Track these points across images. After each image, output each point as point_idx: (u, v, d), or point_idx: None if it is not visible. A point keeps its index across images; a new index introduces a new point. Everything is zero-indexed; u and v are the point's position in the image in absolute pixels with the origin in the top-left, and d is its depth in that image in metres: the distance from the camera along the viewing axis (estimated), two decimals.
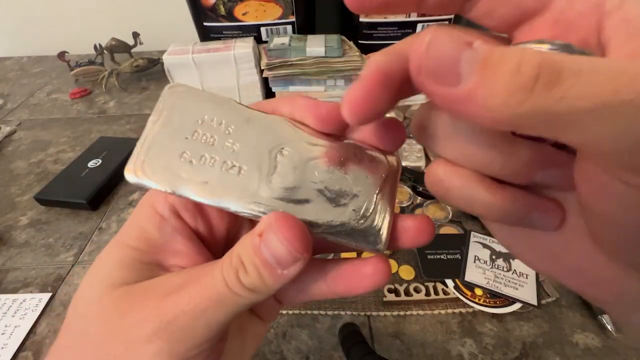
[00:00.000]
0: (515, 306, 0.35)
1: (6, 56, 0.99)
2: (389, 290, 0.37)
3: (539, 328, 0.34)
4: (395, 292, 0.37)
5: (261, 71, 0.63)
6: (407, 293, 0.37)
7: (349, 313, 0.36)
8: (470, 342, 0.33)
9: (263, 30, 0.67)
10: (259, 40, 0.68)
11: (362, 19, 0.67)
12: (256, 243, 0.12)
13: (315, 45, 0.61)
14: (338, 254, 0.31)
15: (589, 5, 0.10)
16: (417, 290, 0.37)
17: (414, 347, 0.33)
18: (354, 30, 0.70)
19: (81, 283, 0.15)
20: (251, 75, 0.62)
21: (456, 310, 0.35)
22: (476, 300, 0.35)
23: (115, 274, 0.14)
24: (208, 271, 0.13)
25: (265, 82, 0.65)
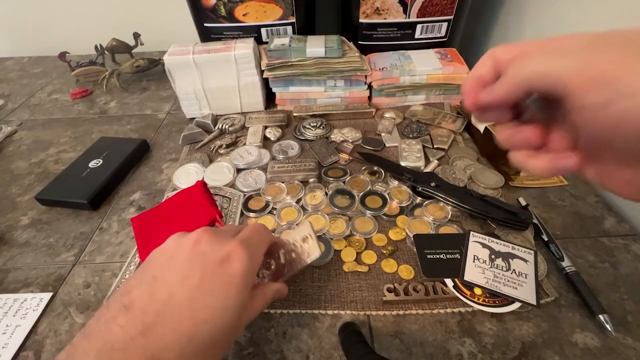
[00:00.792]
0: (515, 306, 0.35)
1: (7, 56, 1.00)
2: (389, 290, 0.37)
3: (538, 328, 0.34)
4: (395, 292, 0.37)
5: (261, 72, 0.63)
6: (407, 292, 0.37)
7: (348, 312, 0.36)
8: (469, 342, 0.33)
9: (263, 31, 0.68)
10: (259, 41, 0.68)
11: (362, 20, 0.67)
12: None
13: (315, 45, 0.61)
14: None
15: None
16: (417, 290, 0.37)
17: (413, 347, 0.33)
18: (354, 31, 0.70)
19: None
20: (251, 76, 0.63)
21: (455, 310, 0.36)
22: (475, 300, 0.35)
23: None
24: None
25: (265, 83, 0.66)
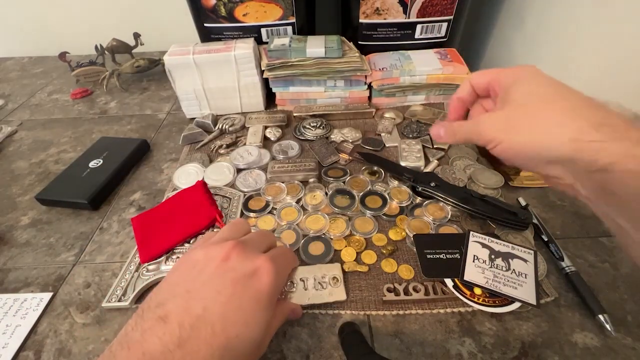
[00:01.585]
0: (514, 305, 0.35)
1: (7, 56, 1.00)
2: (389, 290, 0.37)
3: (537, 327, 0.34)
4: (395, 292, 0.37)
5: (261, 72, 0.63)
6: (407, 292, 0.37)
7: (348, 312, 0.36)
8: (469, 342, 0.33)
9: (263, 31, 0.68)
10: (259, 41, 0.68)
11: (362, 20, 0.67)
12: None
13: (315, 46, 0.61)
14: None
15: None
16: (417, 290, 0.37)
17: (413, 346, 0.33)
18: (354, 31, 0.70)
19: None
20: (251, 76, 0.63)
21: (455, 310, 0.36)
22: (475, 300, 0.35)
23: None
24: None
25: (265, 83, 0.66)
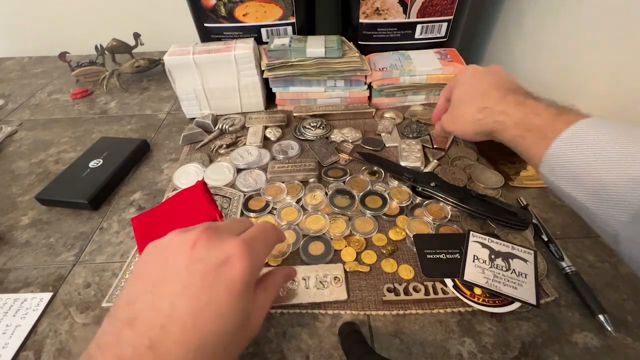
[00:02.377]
0: (514, 305, 0.35)
1: (7, 56, 1.00)
2: (389, 290, 0.37)
3: (538, 327, 0.34)
4: (395, 292, 0.37)
5: (261, 72, 0.63)
6: (407, 292, 0.37)
7: (348, 312, 0.36)
8: (469, 342, 0.33)
9: (263, 31, 0.68)
10: (259, 41, 0.68)
11: (362, 20, 0.67)
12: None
13: (315, 46, 0.61)
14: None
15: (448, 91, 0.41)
16: (417, 290, 0.37)
17: (413, 346, 0.33)
18: (354, 31, 0.70)
19: None
20: (251, 76, 0.63)
21: (455, 310, 0.36)
22: (475, 300, 0.35)
23: None
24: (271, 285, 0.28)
25: (265, 83, 0.66)
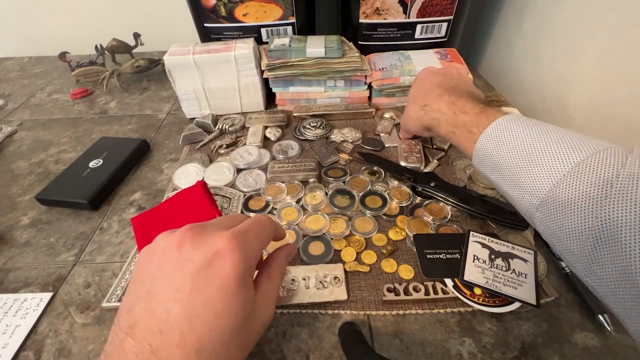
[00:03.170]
0: (514, 305, 0.35)
1: (7, 56, 1.00)
2: (389, 290, 0.37)
3: (538, 327, 0.34)
4: (395, 292, 0.37)
5: (261, 72, 0.63)
6: (407, 292, 0.37)
7: (348, 312, 0.36)
8: (469, 341, 0.33)
9: (263, 31, 0.68)
10: (259, 41, 0.68)
11: (362, 20, 0.67)
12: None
13: (315, 46, 0.61)
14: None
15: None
16: (417, 290, 0.37)
17: (413, 346, 0.33)
18: (354, 31, 0.70)
19: None
20: (251, 76, 0.63)
21: (455, 310, 0.36)
22: (475, 300, 0.35)
23: None
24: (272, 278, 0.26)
25: (265, 83, 0.66)
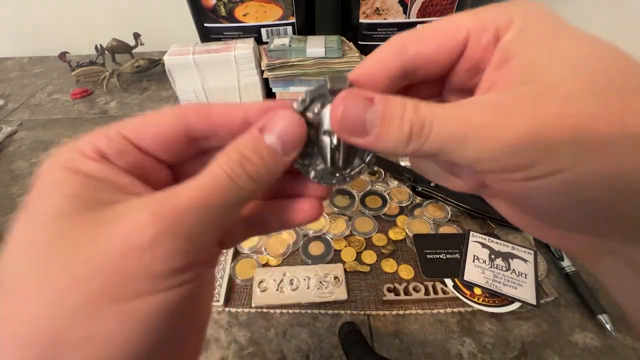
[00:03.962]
0: (514, 305, 0.35)
1: (7, 56, 1.00)
2: (389, 290, 0.37)
3: (538, 327, 0.34)
4: (395, 292, 0.37)
5: (262, 72, 0.63)
6: (407, 292, 0.37)
7: (348, 312, 0.36)
8: (469, 341, 0.33)
9: (263, 31, 0.68)
10: (259, 41, 0.68)
11: (362, 20, 0.67)
12: (259, 135, 0.14)
13: (315, 46, 0.61)
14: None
15: (489, 38, 0.13)
16: (417, 290, 0.37)
17: (413, 346, 0.33)
18: (354, 31, 0.70)
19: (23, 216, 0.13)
20: (251, 76, 0.63)
21: (455, 310, 0.36)
22: (475, 300, 0.35)
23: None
24: (199, 175, 0.13)
25: (265, 83, 0.66)
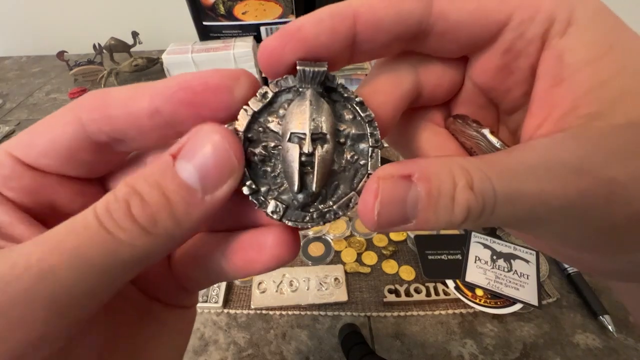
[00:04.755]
0: (516, 307, 0.34)
1: (5, 56, 0.99)
2: (389, 291, 0.37)
3: (539, 328, 0.34)
4: (396, 293, 0.36)
5: (261, 71, 0.63)
6: (408, 294, 0.36)
7: (349, 314, 0.35)
8: (470, 343, 0.33)
9: (263, 29, 0.67)
10: (258, 39, 0.68)
11: None
12: (169, 163, 0.09)
13: None
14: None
15: (538, 32, 0.11)
16: (418, 291, 0.36)
17: (414, 348, 0.33)
18: None
19: None
20: None
21: (457, 311, 0.35)
22: (477, 301, 0.35)
23: None
24: (66, 222, 0.09)
25: (264, 82, 0.65)
